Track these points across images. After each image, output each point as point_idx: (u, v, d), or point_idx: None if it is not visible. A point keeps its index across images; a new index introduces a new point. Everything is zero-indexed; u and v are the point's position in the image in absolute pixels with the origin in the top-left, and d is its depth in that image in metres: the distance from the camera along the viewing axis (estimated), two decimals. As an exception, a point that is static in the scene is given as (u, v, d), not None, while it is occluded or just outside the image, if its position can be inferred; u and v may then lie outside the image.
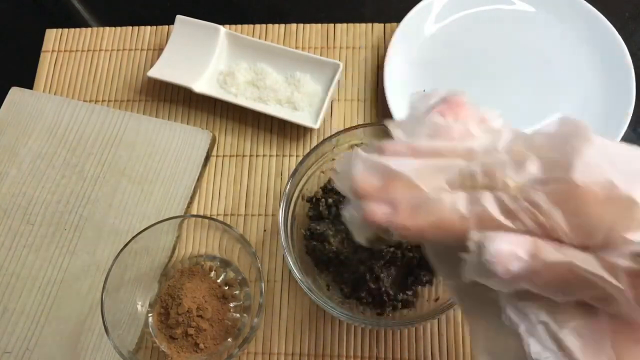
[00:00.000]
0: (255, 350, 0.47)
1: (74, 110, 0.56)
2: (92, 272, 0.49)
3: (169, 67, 0.56)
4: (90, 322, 0.48)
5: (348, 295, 0.45)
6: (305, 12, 0.62)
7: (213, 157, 0.55)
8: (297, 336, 0.48)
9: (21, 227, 0.51)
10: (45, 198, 0.52)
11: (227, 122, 0.56)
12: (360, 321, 0.41)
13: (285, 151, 0.55)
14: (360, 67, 0.58)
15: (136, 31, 0.61)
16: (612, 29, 0.54)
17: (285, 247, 0.42)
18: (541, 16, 0.57)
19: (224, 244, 0.49)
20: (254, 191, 0.53)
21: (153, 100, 0.58)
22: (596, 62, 0.54)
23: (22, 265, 0.50)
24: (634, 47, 0.54)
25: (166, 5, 0.64)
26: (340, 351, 0.47)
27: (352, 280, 0.45)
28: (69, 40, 0.61)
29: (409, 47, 0.56)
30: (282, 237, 0.42)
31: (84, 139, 0.55)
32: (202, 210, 0.53)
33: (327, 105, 0.53)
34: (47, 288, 0.49)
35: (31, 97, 0.57)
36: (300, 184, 0.46)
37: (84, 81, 0.59)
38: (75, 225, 0.51)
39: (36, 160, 0.54)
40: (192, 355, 0.46)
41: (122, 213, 0.51)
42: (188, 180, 0.52)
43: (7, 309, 0.49)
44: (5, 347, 0.47)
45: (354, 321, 0.41)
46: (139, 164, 0.53)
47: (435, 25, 0.57)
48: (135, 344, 0.46)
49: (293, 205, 0.45)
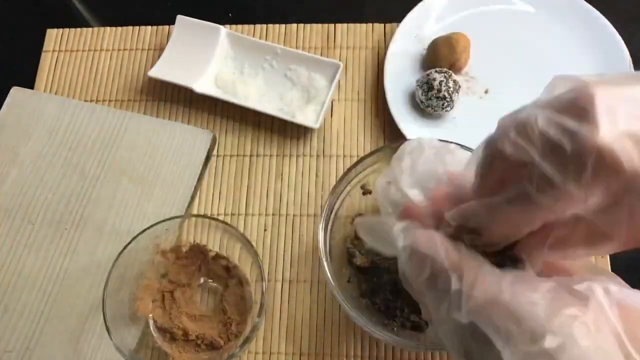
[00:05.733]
0: (256, 350, 0.47)
1: (75, 110, 0.56)
2: (93, 271, 0.49)
3: (169, 67, 0.56)
4: (91, 321, 0.48)
5: (364, 295, 0.45)
6: (305, 12, 0.62)
7: (214, 157, 0.55)
8: (297, 336, 0.48)
9: (22, 226, 0.51)
10: (46, 198, 0.52)
11: (227, 122, 0.56)
12: (366, 325, 0.40)
13: (286, 151, 0.55)
14: (360, 67, 0.58)
15: (137, 31, 0.61)
16: (612, 29, 0.55)
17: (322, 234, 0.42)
18: (541, 16, 0.57)
19: (225, 243, 0.49)
20: (254, 191, 0.53)
21: (154, 100, 0.58)
22: (596, 62, 0.55)
23: (23, 264, 0.50)
24: (634, 47, 0.54)
25: (167, 5, 0.64)
26: (340, 351, 0.47)
27: (374, 283, 0.45)
28: (70, 40, 0.61)
29: (409, 47, 0.56)
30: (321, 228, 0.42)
31: (84, 138, 0.55)
32: (203, 210, 0.53)
33: (327, 105, 0.53)
34: (47, 287, 0.49)
35: (32, 97, 0.57)
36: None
37: (84, 81, 0.59)
38: (76, 225, 0.51)
39: (37, 160, 0.54)
40: (193, 355, 0.46)
41: (123, 213, 0.51)
42: (189, 180, 0.53)
43: (8, 309, 0.49)
44: (6, 347, 0.47)
45: (360, 323, 0.40)
46: (140, 163, 0.53)
47: (435, 25, 0.58)
48: (136, 344, 0.46)
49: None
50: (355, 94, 0.57)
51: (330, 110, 0.56)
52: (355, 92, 0.57)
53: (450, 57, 0.53)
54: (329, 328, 0.48)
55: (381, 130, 0.55)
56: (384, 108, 0.55)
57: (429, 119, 0.53)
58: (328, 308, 0.48)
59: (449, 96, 0.51)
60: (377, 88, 0.57)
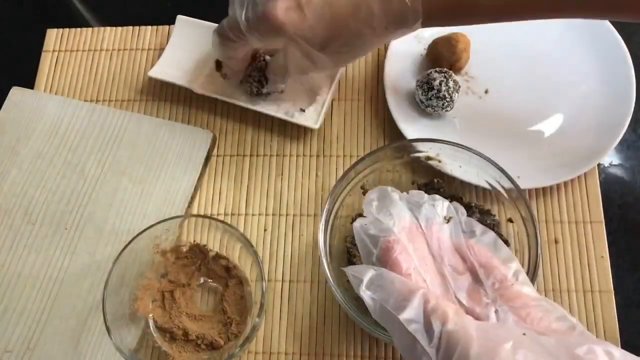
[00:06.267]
0: (256, 350, 0.47)
1: (75, 110, 0.56)
2: (93, 271, 0.49)
3: (169, 67, 0.56)
4: (91, 321, 0.48)
5: None
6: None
7: (213, 156, 0.55)
8: (297, 336, 0.48)
9: (22, 226, 0.51)
10: (46, 198, 0.52)
11: (227, 121, 0.56)
12: (366, 327, 0.41)
13: (286, 151, 0.55)
14: (360, 67, 0.58)
15: (137, 31, 0.61)
16: (612, 29, 0.55)
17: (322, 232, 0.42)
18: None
19: (225, 243, 0.49)
20: (254, 191, 0.53)
21: (154, 100, 0.58)
22: (596, 62, 0.55)
23: (23, 264, 0.50)
24: (634, 47, 0.54)
25: (167, 5, 0.64)
26: (340, 351, 0.47)
27: None
28: (70, 40, 0.61)
29: (409, 47, 0.56)
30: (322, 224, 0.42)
31: (84, 138, 0.55)
32: (203, 209, 0.53)
33: (327, 105, 0.53)
34: (47, 287, 0.49)
35: (32, 97, 0.57)
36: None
37: (84, 81, 0.59)
38: (76, 225, 0.51)
39: (37, 160, 0.54)
40: (193, 355, 0.46)
41: (123, 213, 0.51)
42: (188, 180, 0.53)
43: (8, 309, 0.49)
44: (6, 347, 0.47)
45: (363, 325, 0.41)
46: (140, 163, 0.53)
47: (436, 25, 0.57)
48: (136, 343, 0.46)
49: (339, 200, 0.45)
50: (355, 94, 0.57)
51: (330, 110, 0.56)
52: (355, 92, 0.57)
53: (450, 57, 0.53)
54: (329, 328, 0.48)
55: (381, 130, 0.55)
56: (384, 108, 0.55)
57: (429, 119, 0.53)
58: (328, 308, 0.49)
59: (449, 96, 0.51)
60: (377, 88, 0.57)
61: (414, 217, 0.34)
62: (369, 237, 0.32)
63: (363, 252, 0.33)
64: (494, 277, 0.31)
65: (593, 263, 0.49)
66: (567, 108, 0.53)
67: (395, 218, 0.33)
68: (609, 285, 0.48)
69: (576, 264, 0.49)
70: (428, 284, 0.31)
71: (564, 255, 0.49)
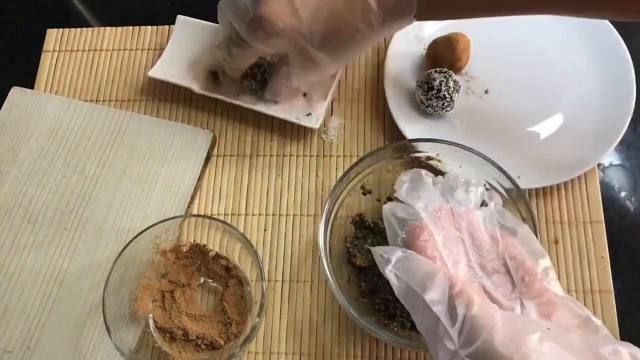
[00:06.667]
0: (256, 350, 0.47)
1: (75, 110, 0.56)
2: (93, 271, 0.49)
3: (169, 67, 0.56)
4: (91, 321, 0.48)
5: (364, 295, 0.45)
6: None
7: (213, 156, 0.55)
8: (297, 336, 0.48)
9: (22, 226, 0.51)
10: (46, 198, 0.52)
11: (227, 122, 0.56)
12: (365, 326, 0.41)
13: (286, 151, 0.55)
14: (360, 67, 0.58)
15: (137, 31, 0.61)
16: (612, 29, 0.55)
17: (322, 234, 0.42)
18: (541, 16, 0.57)
19: (225, 243, 0.49)
20: (254, 191, 0.53)
21: (154, 100, 0.58)
22: (596, 62, 0.54)
23: (23, 264, 0.50)
24: (634, 47, 0.54)
25: (167, 5, 0.64)
26: (340, 351, 0.47)
27: (374, 282, 0.45)
28: (70, 40, 0.61)
29: (409, 47, 0.56)
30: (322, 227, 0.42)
31: (84, 138, 0.55)
32: (203, 209, 0.53)
33: (327, 105, 0.53)
34: (48, 287, 0.49)
35: (32, 97, 0.57)
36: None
37: (84, 81, 0.59)
38: (76, 225, 0.51)
39: (37, 160, 0.54)
40: (193, 355, 0.46)
41: (123, 213, 0.51)
42: (189, 180, 0.53)
43: (8, 309, 0.49)
44: (6, 347, 0.47)
45: (360, 324, 0.41)
46: (140, 163, 0.53)
47: (435, 25, 0.57)
48: (137, 344, 0.46)
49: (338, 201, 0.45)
50: (355, 94, 0.57)
51: (330, 110, 0.56)
52: (355, 92, 0.57)
53: (450, 57, 0.53)
54: (329, 328, 0.48)
55: (381, 130, 0.55)
56: (384, 108, 0.55)
57: (429, 119, 0.53)
58: (328, 308, 0.49)
59: (449, 96, 0.51)
60: (377, 88, 0.57)
61: (445, 202, 0.34)
62: (397, 219, 0.33)
63: (390, 232, 0.33)
64: (523, 270, 0.31)
65: (593, 263, 0.49)
66: (567, 108, 0.53)
67: (424, 202, 0.33)
68: (609, 286, 0.48)
69: (576, 264, 0.49)
70: (452, 269, 0.30)
71: (564, 256, 0.49)
